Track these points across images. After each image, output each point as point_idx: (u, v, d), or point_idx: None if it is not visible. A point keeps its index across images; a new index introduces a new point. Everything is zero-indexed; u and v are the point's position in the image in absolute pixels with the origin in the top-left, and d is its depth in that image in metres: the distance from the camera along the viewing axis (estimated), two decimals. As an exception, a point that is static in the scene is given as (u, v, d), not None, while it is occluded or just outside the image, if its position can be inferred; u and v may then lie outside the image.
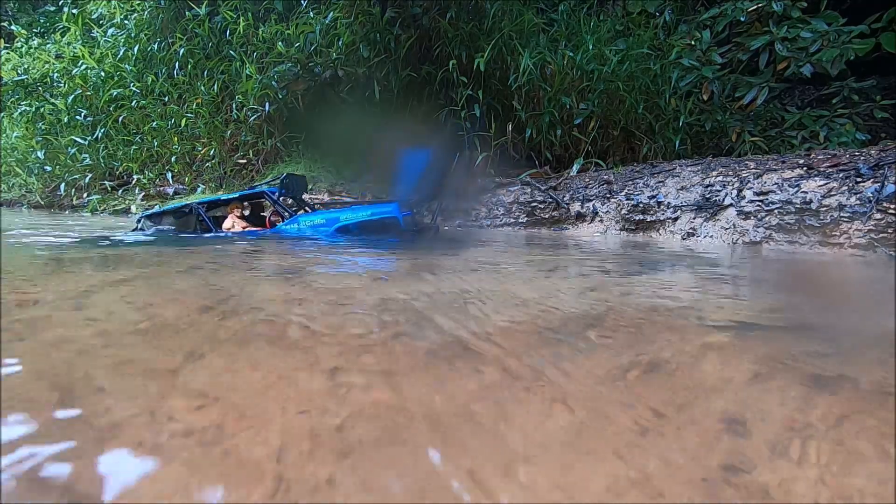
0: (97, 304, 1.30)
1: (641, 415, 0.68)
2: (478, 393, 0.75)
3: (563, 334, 1.08)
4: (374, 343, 0.99)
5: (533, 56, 5.48)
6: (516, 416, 0.68)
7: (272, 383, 0.76)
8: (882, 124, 5.27)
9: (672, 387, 0.79)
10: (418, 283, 1.69)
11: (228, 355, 0.89)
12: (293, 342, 0.98)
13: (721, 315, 1.30)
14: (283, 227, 3.89)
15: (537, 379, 0.81)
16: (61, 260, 2.19)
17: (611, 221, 4.11)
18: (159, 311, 1.20)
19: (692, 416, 0.69)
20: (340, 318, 1.19)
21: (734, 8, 5.74)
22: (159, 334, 1.00)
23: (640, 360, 0.91)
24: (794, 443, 0.61)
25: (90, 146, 8.03)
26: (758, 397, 0.75)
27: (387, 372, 0.82)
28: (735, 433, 0.63)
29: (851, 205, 2.71)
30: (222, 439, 0.59)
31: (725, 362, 0.92)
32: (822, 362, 0.92)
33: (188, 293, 1.45)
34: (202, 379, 0.77)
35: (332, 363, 0.86)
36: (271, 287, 1.61)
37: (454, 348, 0.95)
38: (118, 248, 2.83)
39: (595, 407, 0.71)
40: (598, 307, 1.36)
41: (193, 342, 0.95)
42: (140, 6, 8.11)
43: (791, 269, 2.39)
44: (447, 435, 0.61)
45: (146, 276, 1.79)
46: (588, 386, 0.78)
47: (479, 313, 1.24)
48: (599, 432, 0.63)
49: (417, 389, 0.75)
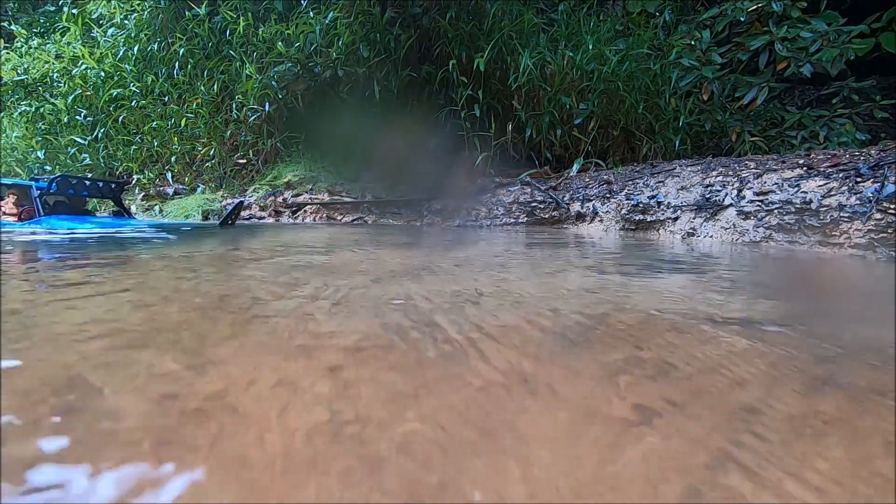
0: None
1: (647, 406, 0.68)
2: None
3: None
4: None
5: (533, 56, 5.48)
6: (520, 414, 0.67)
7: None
8: (882, 124, 5.27)
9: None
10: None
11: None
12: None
13: (727, 314, 1.30)
14: (28, 224, 4.36)
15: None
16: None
17: (611, 221, 4.11)
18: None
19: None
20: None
21: (734, 8, 5.74)
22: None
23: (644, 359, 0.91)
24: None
25: (90, 146, 8.03)
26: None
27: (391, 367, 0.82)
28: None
29: (851, 205, 2.71)
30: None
31: (735, 363, 0.92)
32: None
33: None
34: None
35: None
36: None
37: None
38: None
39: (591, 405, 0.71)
40: (600, 306, 1.36)
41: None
42: (140, 6, 8.11)
43: (793, 270, 2.40)
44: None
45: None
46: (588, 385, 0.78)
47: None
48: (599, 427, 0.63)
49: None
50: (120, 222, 4.64)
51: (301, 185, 6.21)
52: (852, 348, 0.95)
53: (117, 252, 2.43)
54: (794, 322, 1.13)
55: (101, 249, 2.56)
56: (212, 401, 0.61)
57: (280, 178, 6.45)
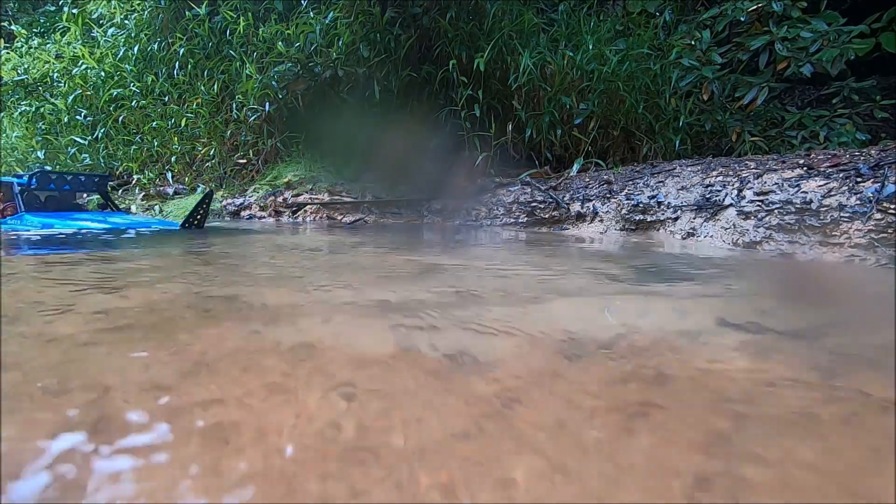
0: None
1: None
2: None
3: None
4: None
5: (533, 56, 5.48)
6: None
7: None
8: (882, 124, 5.27)
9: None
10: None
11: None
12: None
13: (731, 316, 1.30)
14: (8, 220, 4.46)
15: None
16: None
17: (611, 221, 4.11)
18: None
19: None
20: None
21: (734, 8, 5.74)
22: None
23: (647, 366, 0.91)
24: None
25: (90, 146, 8.03)
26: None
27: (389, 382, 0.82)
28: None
29: (851, 205, 2.71)
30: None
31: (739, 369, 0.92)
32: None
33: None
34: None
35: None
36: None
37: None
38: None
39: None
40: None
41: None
42: (140, 6, 8.11)
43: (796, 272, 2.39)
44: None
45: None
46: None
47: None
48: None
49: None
50: (98, 218, 4.60)
51: (301, 184, 6.21)
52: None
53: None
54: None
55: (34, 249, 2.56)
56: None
57: (280, 178, 6.45)
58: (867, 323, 1.35)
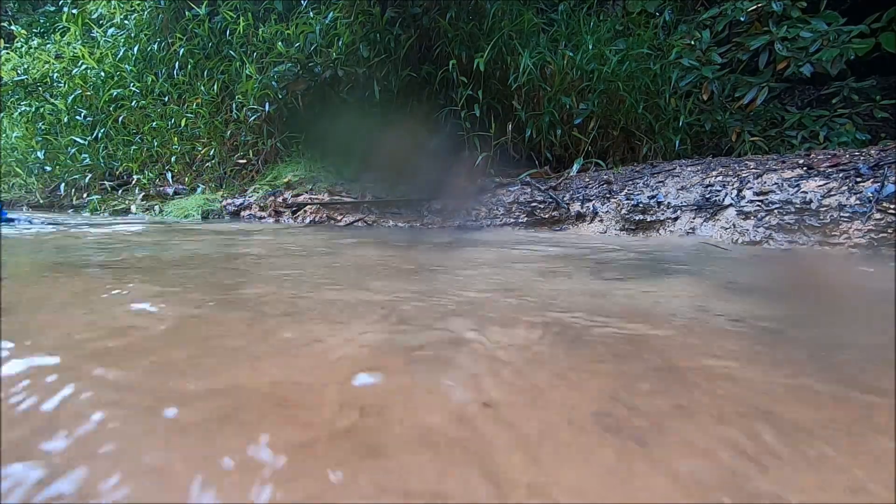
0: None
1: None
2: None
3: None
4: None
5: (533, 56, 5.48)
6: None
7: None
8: (882, 124, 5.27)
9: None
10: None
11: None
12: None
13: (733, 314, 1.30)
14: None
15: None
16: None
17: (611, 221, 4.11)
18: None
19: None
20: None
21: (734, 8, 5.74)
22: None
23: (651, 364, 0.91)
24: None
25: (90, 146, 8.02)
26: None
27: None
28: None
29: (851, 205, 2.71)
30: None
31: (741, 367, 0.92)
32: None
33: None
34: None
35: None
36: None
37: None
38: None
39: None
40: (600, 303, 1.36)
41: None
42: (140, 6, 8.11)
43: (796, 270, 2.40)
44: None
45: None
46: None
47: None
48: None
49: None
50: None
51: (301, 185, 6.21)
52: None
53: None
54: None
55: None
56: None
57: (280, 178, 6.44)
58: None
